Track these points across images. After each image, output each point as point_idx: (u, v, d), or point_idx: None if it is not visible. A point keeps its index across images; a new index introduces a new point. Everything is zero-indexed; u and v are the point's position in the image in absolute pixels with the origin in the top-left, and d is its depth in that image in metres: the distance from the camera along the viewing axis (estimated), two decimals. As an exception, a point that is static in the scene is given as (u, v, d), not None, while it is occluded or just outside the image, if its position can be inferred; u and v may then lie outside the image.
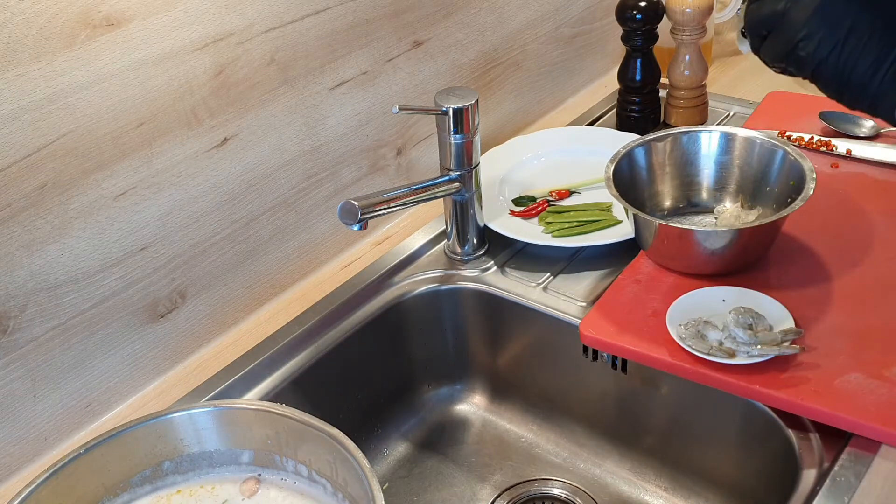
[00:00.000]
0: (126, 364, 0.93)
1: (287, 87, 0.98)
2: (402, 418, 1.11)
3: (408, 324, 1.09)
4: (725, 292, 0.92)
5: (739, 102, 1.35)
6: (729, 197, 1.06)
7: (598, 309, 0.96)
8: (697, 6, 1.19)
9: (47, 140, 0.79)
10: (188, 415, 0.80)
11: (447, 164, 1.03)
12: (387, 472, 1.07)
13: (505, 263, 1.09)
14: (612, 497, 1.02)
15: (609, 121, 1.35)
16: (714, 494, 0.99)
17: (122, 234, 0.88)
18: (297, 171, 1.03)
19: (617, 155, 1.03)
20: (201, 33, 0.88)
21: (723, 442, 0.95)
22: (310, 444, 0.77)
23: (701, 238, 0.94)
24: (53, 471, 0.74)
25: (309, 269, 1.09)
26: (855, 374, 0.83)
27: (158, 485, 0.81)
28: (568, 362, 1.03)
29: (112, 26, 0.81)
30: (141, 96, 0.85)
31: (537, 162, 1.24)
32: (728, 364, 0.85)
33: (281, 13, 0.95)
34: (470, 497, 1.04)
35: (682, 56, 1.25)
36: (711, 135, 1.06)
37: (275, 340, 0.99)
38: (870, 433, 0.79)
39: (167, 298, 0.94)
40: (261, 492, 0.80)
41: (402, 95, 1.13)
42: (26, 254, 0.81)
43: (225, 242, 0.98)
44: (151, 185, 0.89)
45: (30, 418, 0.86)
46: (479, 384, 1.14)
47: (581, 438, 1.07)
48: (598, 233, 1.08)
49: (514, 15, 1.27)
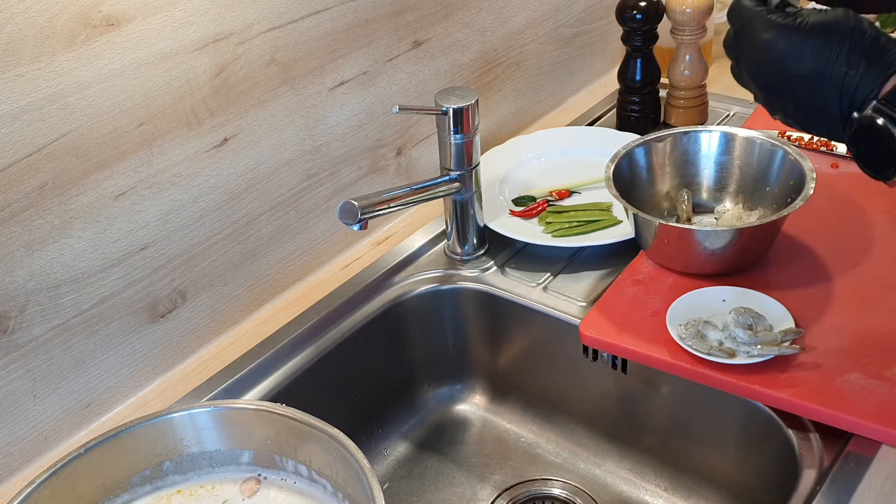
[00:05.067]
0: (126, 364, 0.93)
1: (287, 87, 0.98)
2: (402, 418, 1.11)
3: (408, 324, 1.09)
4: (725, 292, 0.92)
5: (739, 102, 1.35)
6: (729, 197, 1.07)
7: (598, 309, 0.96)
8: (697, 6, 1.19)
9: (47, 140, 0.79)
10: (188, 415, 0.80)
11: (447, 164, 1.03)
12: (387, 472, 1.07)
13: (505, 263, 1.09)
14: (612, 497, 1.02)
15: (609, 121, 1.35)
16: (714, 494, 0.99)
17: (122, 234, 0.88)
18: (297, 171, 1.03)
19: (617, 155, 1.03)
20: (201, 33, 0.88)
21: (723, 442, 0.95)
22: (310, 444, 0.77)
23: (701, 238, 0.94)
24: (53, 471, 0.74)
25: (309, 269, 1.09)
26: (855, 374, 0.83)
27: (158, 485, 0.81)
28: (568, 362, 1.03)
29: (112, 26, 0.81)
30: (141, 96, 0.85)
31: (537, 162, 1.24)
32: (728, 364, 0.85)
33: (281, 13, 0.95)
34: (470, 497, 1.04)
35: (682, 56, 1.25)
36: (711, 135, 1.06)
37: (275, 340, 0.99)
38: (870, 433, 0.79)
39: (167, 298, 0.94)
40: (261, 492, 0.80)
41: (402, 95, 1.13)
42: (26, 254, 0.81)
43: (225, 242, 0.98)
44: (151, 185, 0.89)
45: (30, 418, 0.86)
46: (479, 384, 1.14)
47: (581, 438, 1.07)
48: (598, 233, 1.08)
49: (514, 15, 1.27)
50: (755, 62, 0.76)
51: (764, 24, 0.74)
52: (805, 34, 0.72)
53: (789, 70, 0.73)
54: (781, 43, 0.73)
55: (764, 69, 0.75)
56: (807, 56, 0.72)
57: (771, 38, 0.74)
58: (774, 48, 0.73)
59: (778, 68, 0.74)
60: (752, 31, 0.75)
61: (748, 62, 0.77)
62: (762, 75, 0.76)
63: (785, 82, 0.74)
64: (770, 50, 0.74)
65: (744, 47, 0.77)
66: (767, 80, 0.76)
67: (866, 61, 0.70)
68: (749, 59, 0.76)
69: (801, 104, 0.74)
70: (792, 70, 0.73)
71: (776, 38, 0.73)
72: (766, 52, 0.74)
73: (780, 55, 0.73)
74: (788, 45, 0.73)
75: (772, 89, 0.76)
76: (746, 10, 0.76)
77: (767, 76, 0.75)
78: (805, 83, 0.72)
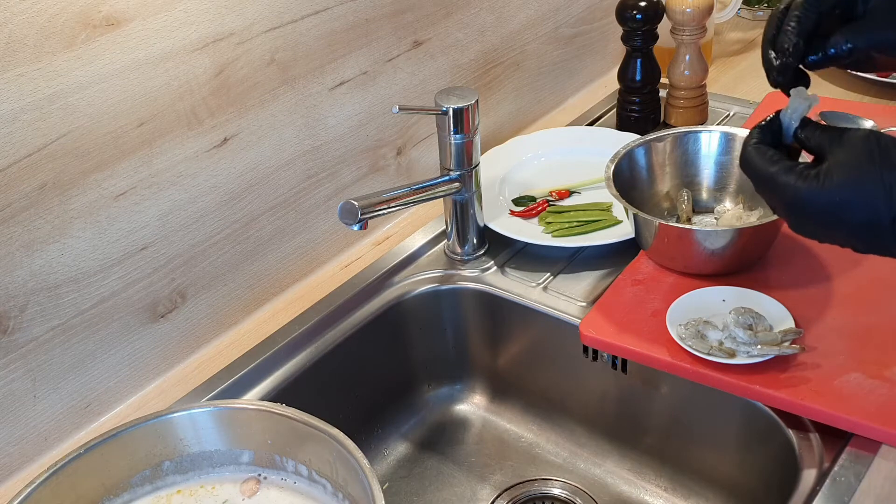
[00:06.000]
0: (126, 364, 0.93)
1: (287, 87, 0.98)
2: (402, 418, 1.11)
3: (408, 324, 1.09)
4: (725, 292, 0.92)
5: (739, 102, 1.35)
6: (729, 197, 1.07)
7: (598, 309, 0.96)
8: (697, 6, 1.19)
9: (47, 140, 0.79)
10: (188, 415, 0.80)
11: (447, 164, 1.03)
12: (387, 472, 1.07)
13: (505, 263, 1.09)
14: (612, 497, 1.02)
15: (609, 121, 1.35)
16: (714, 494, 0.99)
17: (122, 234, 0.88)
18: (297, 171, 1.03)
19: (617, 155, 1.03)
20: (201, 33, 0.88)
21: (723, 442, 0.95)
22: (310, 444, 0.77)
23: (701, 238, 0.94)
24: (53, 471, 0.74)
25: (309, 269, 1.09)
26: (855, 374, 0.83)
27: (158, 485, 0.81)
28: (568, 362, 1.03)
29: (112, 26, 0.81)
30: (141, 96, 0.85)
31: (537, 162, 1.24)
32: (728, 364, 0.85)
33: (281, 13, 0.95)
34: (470, 497, 1.04)
35: (682, 56, 1.25)
36: (711, 135, 1.06)
37: (275, 340, 0.99)
38: (870, 433, 0.79)
39: (167, 298, 0.94)
40: (261, 492, 0.80)
41: (402, 95, 1.13)
42: (26, 254, 0.81)
43: (225, 242, 0.98)
44: (151, 185, 0.89)
45: (30, 418, 0.86)
46: (479, 384, 1.14)
47: (581, 438, 1.07)
48: (598, 233, 1.08)
49: (514, 15, 1.27)
50: (795, 223, 0.68)
51: (784, 186, 0.66)
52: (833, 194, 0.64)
53: (832, 225, 0.65)
54: (810, 209, 0.65)
55: (802, 228, 0.68)
56: (848, 210, 0.63)
57: (801, 198, 0.65)
58: (803, 213, 0.66)
59: (819, 227, 0.66)
60: (774, 191, 0.68)
61: (790, 221, 0.69)
62: (801, 230, 0.68)
63: (835, 236, 0.67)
64: (800, 214, 0.66)
65: (771, 203, 0.70)
66: (812, 235, 0.68)
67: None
68: (789, 219, 0.68)
69: (863, 247, 0.66)
70: (834, 226, 0.65)
71: (806, 199, 0.65)
72: (797, 216, 0.67)
73: (817, 215, 0.65)
74: (820, 208, 0.65)
75: (823, 239, 0.68)
76: (759, 172, 0.69)
77: (811, 233, 0.68)
78: (858, 233, 0.65)
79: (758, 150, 0.69)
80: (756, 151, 0.69)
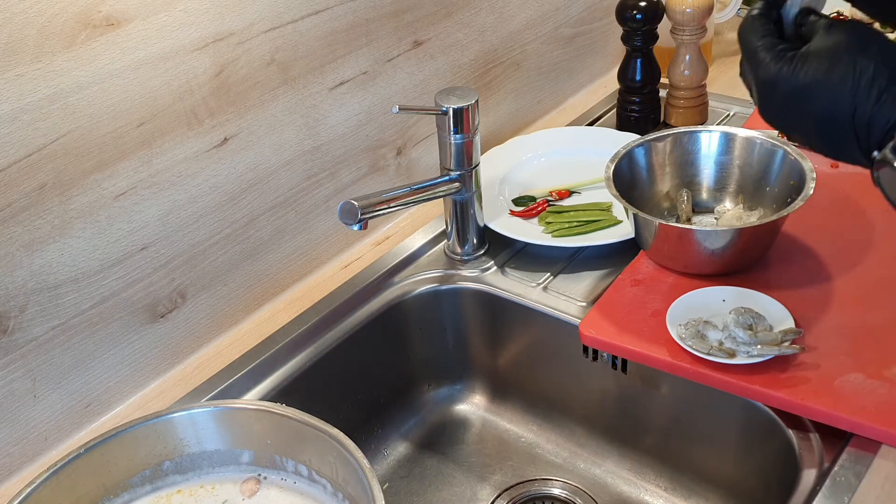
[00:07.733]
0: (126, 364, 0.93)
1: (287, 87, 0.98)
2: (402, 418, 1.11)
3: (408, 324, 1.09)
4: (725, 292, 0.92)
5: (739, 102, 1.35)
6: (729, 197, 1.06)
7: (598, 309, 0.96)
8: (697, 6, 1.19)
9: (47, 140, 0.79)
10: (188, 415, 0.80)
11: (447, 164, 1.03)
12: (387, 472, 1.07)
13: (505, 263, 1.09)
14: (612, 497, 1.02)
15: (609, 121, 1.35)
16: (714, 494, 0.99)
17: (122, 234, 0.88)
18: (297, 171, 1.03)
19: (617, 155, 1.03)
20: (201, 33, 0.88)
21: (723, 442, 0.95)
22: (310, 444, 0.77)
23: (701, 238, 0.94)
24: (53, 471, 0.74)
25: (309, 269, 1.09)
26: (855, 374, 0.83)
27: (158, 485, 0.81)
28: (568, 362, 1.03)
29: (112, 26, 0.81)
30: (141, 96, 0.85)
31: (537, 162, 1.24)
32: (728, 364, 0.85)
33: (281, 13, 0.95)
34: (470, 497, 1.04)
35: (682, 56, 1.25)
36: (711, 135, 1.06)
37: (275, 340, 0.99)
38: (870, 433, 0.79)
39: (167, 298, 0.94)
40: (261, 492, 0.80)
41: (402, 95, 1.13)
42: (26, 254, 0.81)
43: (225, 242, 0.98)
44: (151, 185, 0.89)
45: (30, 418, 0.86)
46: (479, 384, 1.14)
47: (581, 438, 1.07)
48: (598, 233, 1.08)
49: (514, 15, 1.27)
50: (760, 103, 0.67)
51: (760, 62, 0.65)
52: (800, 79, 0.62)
53: (794, 113, 0.64)
54: (775, 91, 0.64)
55: (767, 111, 0.67)
56: (811, 99, 0.62)
57: (769, 79, 0.64)
58: (769, 95, 0.65)
59: (782, 112, 0.65)
60: (752, 65, 0.66)
61: (756, 99, 0.68)
62: (766, 115, 0.68)
63: (796, 126, 0.65)
64: (766, 95, 0.65)
65: (749, 83, 0.68)
66: (774, 120, 0.67)
67: (876, 94, 0.60)
68: (756, 98, 0.68)
69: (820, 143, 0.65)
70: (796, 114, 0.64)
71: (774, 80, 0.64)
72: (763, 97, 0.66)
73: (781, 99, 0.64)
74: (785, 93, 0.63)
75: (784, 128, 0.67)
76: (746, 41, 0.67)
77: (773, 117, 0.67)
78: (817, 125, 0.63)
79: (754, 21, 0.66)
80: (752, 21, 0.67)
